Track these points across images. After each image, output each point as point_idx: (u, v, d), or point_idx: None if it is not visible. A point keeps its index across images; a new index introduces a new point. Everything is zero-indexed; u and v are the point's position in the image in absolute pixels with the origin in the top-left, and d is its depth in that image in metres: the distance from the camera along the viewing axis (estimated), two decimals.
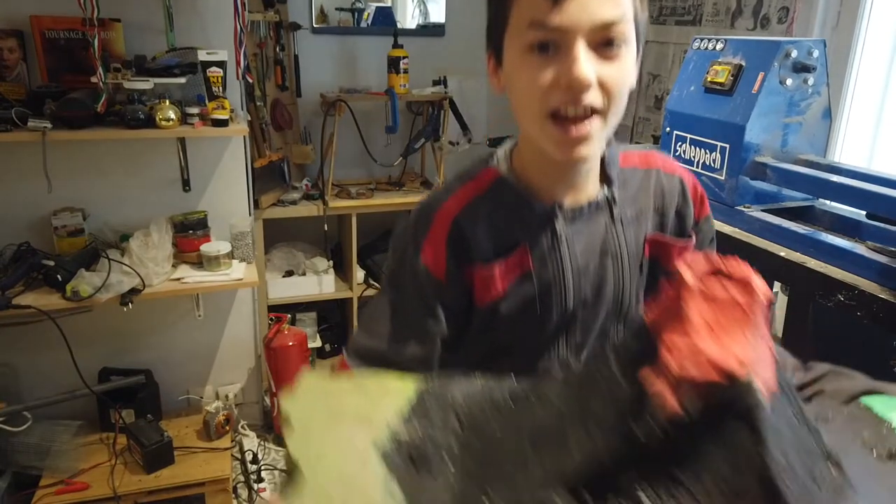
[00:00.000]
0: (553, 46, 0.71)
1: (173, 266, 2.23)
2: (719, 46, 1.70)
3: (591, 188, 0.85)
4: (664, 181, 0.91)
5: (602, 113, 0.73)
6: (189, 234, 2.28)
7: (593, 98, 0.72)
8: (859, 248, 1.33)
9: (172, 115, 2.02)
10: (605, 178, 0.87)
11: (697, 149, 1.69)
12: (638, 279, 0.89)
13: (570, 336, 0.87)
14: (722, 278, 0.59)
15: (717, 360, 0.53)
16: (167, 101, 2.04)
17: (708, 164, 1.66)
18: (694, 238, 0.93)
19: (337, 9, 3.41)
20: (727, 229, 1.59)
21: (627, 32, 0.73)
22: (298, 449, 0.65)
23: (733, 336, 0.55)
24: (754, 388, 0.54)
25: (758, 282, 0.57)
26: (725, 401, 0.54)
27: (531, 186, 0.84)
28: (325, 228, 2.94)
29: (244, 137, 2.36)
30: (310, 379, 0.71)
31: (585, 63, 0.70)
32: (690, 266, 0.59)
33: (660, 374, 0.54)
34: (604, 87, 0.72)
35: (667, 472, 0.54)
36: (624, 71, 0.73)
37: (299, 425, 0.67)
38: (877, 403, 0.74)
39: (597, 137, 0.75)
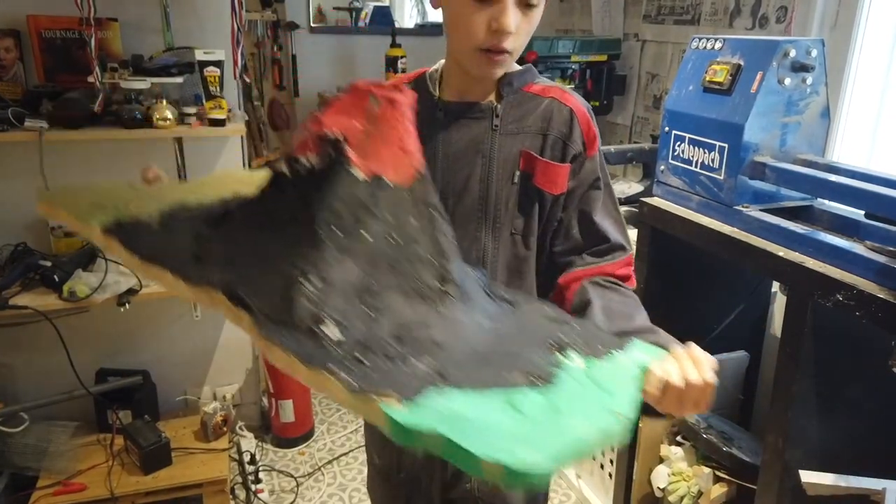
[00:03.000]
0: None
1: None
2: (718, 46, 1.70)
3: (483, 96, 1.04)
4: (554, 108, 1.04)
5: (513, 52, 0.97)
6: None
7: (510, 42, 0.94)
8: (858, 248, 1.33)
9: (169, 115, 2.02)
10: (499, 95, 1.04)
11: (696, 148, 1.68)
12: (508, 187, 1.03)
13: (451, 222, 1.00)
14: (385, 90, 0.83)
15: (323, 124, 0.79)
16: (164, 101, 2.03)
17: (706, 163, 1.65)
18: (569, 167, 1.04)
19: (335, 8, 3.41)
20: (726, 229, 1.58)
21: None
22: (203, 178, 1.01)
23: (348, 117, 0.80)
24: (342, 148, 0.77)
25: (398, 95, 0.80)
26: (328, 155, 0.79)
27: (441, 86, 1.06)
28: None
29: (241, 137, 2.36)
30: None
31: (513, 15, 0.92)
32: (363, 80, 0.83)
33: (298, 134, 0.82)
34: (518, 35, 0.95)
35: (289, 215, 0.78)
36: (534, 23, 0.97)
37: (225, 173, 1.07)
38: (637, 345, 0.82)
39: (504, 66, 0.99)
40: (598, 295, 1.00)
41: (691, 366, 0.78)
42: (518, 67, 1.06)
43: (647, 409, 0.77)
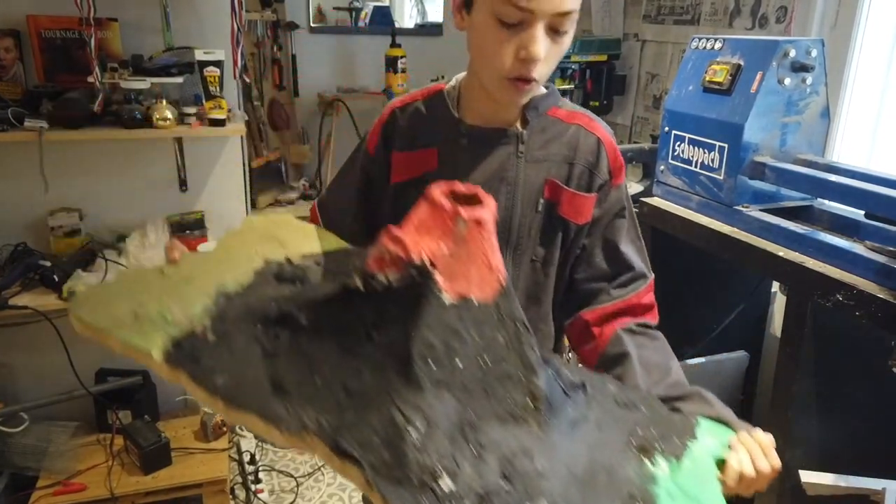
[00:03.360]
0: (518, 23, 0.87)
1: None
2: (718, 46, 1.70)
3: (507, 121, 1.01)
4: (581, 137, 1.03)
5: (539, 79, 0.92)
6: (186, 234, 2.27)
7: (538, 70, 0.90)
8: (858, 248, 1.33)
9: (169, 115, 2.02)
10: (524, 119, 1.01)
11: (696, 148, 1.68)
12: (532, 215, 1.01)
13: None
14: (459, 199, 0.79)
15: (407, 245, 0.73)
16: (164, 101, 2.03)
17: (706, 163, 1.65)
18: (596, 196, 1.03)
19: (335, 8, 3.41)
20: (725, 229, 1.58)
21: (574, 19, 0.90)
22: (224, 238, 0.96)
23: (432, 238, 0.74)
24: (430, 273, 0.73)
25: (485, 212, 0.76)
26: (411, 277, 0.73)
27: (461, 105, 1.02)
28: None
29: (241, 137, 2.36)
30: (256, 218, 1.03)
31: (542, 43, 0.87)
32: (439, 185, 0.78)
33: (375, 251, 0.76)
34: (547, 62, 0.91)
35: (365, 332, 0.75)
36: (564, 50, 0.93)
37: (244, 228, 0.99)
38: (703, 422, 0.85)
39: (532, 92, 0.96)
40: (635, 345, 1.00)
41: (761, 454, 0.81)
42: (542, 91, 1.02)
43: None
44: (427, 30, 3.51)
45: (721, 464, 0.81)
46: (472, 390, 0.74)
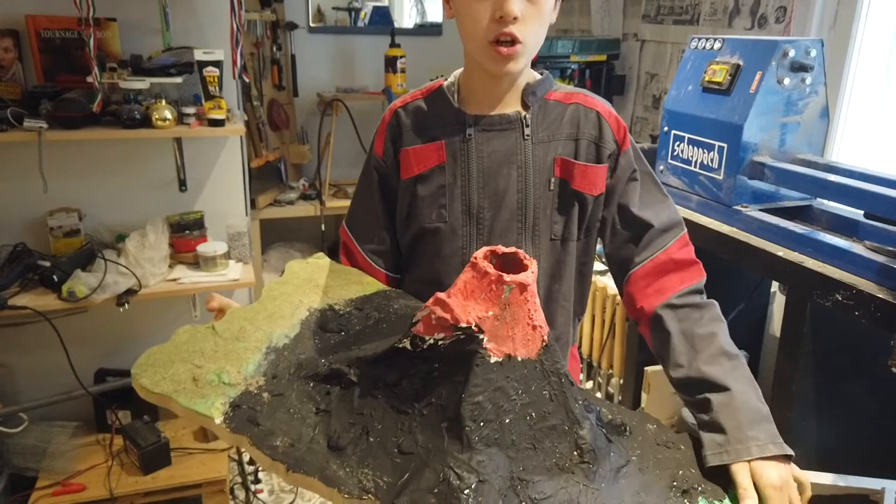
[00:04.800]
0: None
1: (170, 266, 2.22)
2: (717, 46, 1.70)
3: (508, 107, 1.04)
4: (581, 113, 1.06)
5: (524, 42, 0.96)
6: (185, 234, 2.27)
7: (517, 29, 0.94)
8: (857, 248, 1.33)
9: (169, 115, 2.02)
10: (524, 104, 1.05)
11: (695, 148, 1.69)
12: (546, 194, 1.04)
13: (479, 232, 1.05)
14: (501, 259, 0.82)
15: (454, 311, 0.76)
16: (163, 101, 2.03)
17: (706, 163, 1.66)
18: (607, 167, 1.05)
19: (334, 8, 3.41)
20: (725, 229, 1.59)
21: None
22: (269, 287, 1.01)
23: (478, 302, 0.77)
24: (477, 338, 0.76)
25: (528, 276, 0.78)
26: (459, 342, 0.76)
27: (461, 97, 1.06)
28: (323, 228, 2.93)
29: (241, 137, 2.36)
30: (299, 263, 1.08)
31: (515, 1, 0.92)
32: (482, 251, 0.81)
33: (423, 314, 0.79)
34: (525, 22, 0.94)
35: (414, 390, 0.78)
36: (542, 13, 0.96)
37: (287, 276, 1.04)
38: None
39: (520, 57, 0.97)
40: (676, 321, 1.00)
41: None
42: (537, 76, 1.06)
43: None
44: (426, 30, 3.51)
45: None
46: (520, 446, 0.76)
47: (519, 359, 0.79)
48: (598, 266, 1.81)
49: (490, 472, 0.73)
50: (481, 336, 0.76)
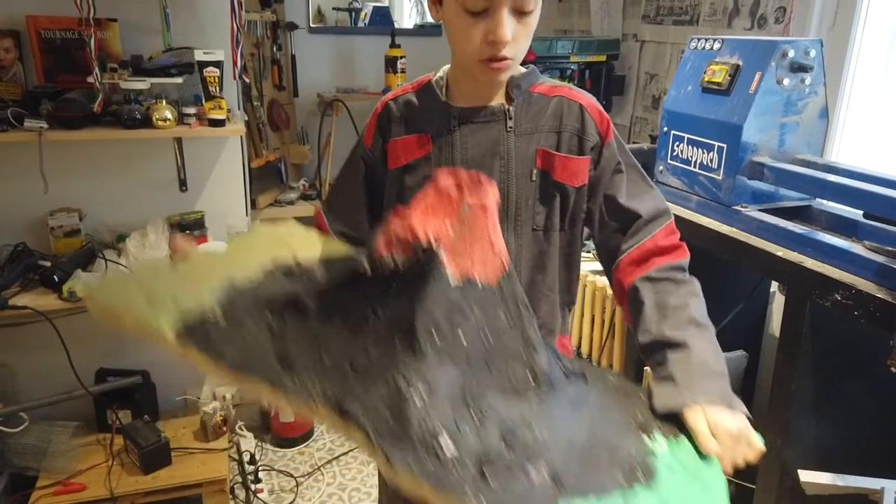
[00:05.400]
0: (483, 11, 0.93)
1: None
2: (716, 46, 1.71)
3: (493, 100, 1.06)
4: (564, 106, 1.07)
5: (514, 58, 0.98)
6: (186, 234, 2.27)
7: (508, 50, 0.96)
8: (856, 248, 1.33)
9: (169, 115, 2.02)
10: (508, 97, 1.07)
11: (695, 148, 1.69)
12: (527, 185, 1.06)
13: None
14: (464, 185, 0.82)
15: (414, 227, 0.77)
16: (164, 101, 2.03)
17: (705, 163, 1.66)
18: (590, 159, 1.07)
19: (334, 8, 3.41)
20: (724, 229, 1.59)
21: (538, 1, 0.96)
22: (234, 239, 1.07)
23: (438, 219, 0.78)
24: (435, 252, 0.77)
25: (488, 197, 0.80)
26: (417, 259, 0.77)
27: (449, 91, 1.09)
28: None
29: (241, 137, 2.36)
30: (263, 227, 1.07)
31: (507, 26, 0.93)
32: (445, 172, 0.82)
33: (382, 234, 0.80)
34: (517, 41, 0.96)
35: (371, 311, 0.77)
36: (531, 29, 0.98)
37: (253, 233, 1.04)
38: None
39: (509, 70, 1.01)
40: (653, 292, 1.01)
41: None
42: (523, 70, 1.08)
43: None
44: (426, 30, 3.51)
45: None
46: (474, 363, 0.77)
47: (478, 282, 0.81)
48: (598, 266, 1.81)
49: (441, 382, 0.73)
50: (439, 251, 0.78)
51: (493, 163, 1.05)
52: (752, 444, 0.83)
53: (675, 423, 0.83)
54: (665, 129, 1.79)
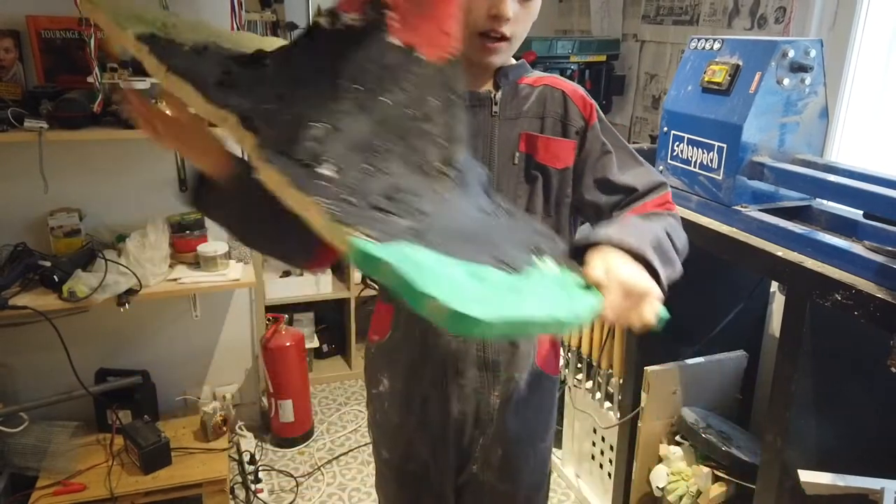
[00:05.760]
0: None
1: (170, 266, 2.23)
2: (716, 46, 1.71)
3: (481, 87, 1.10)
4: (548, 94, 1.11)
5: (510, 40, 1.02)
6: (186, 234, 2.27)
7: (508, 28, 1.00)
8: (856, 248, 1.33)
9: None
10: (496, 86, 1.10)
11: (695, 148, 1.69)
12: (509, 167, 1.09)
13: None
14: None
15: None
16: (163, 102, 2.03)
17: (705, 163, 1.66)
18: (575, 143, 1.09)
19: None
20: (724, 229, 1.59)
21: None
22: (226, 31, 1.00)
23: None
24: (383, 10, 0.79)
25: None
26: (368, 22, 0.79)
27: None
28: None
29: None
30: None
31: (511, 3, 0.98)
32: None
33: None
34: (516, 22, 1.01)
35: (318, 66, 0.80)
36: (534, 13, 1.03)
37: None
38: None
39: (505, 52, 1.05)
40: (626, 216, 1.02)
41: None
42: (514, 62, 1.12)
43: None
44: None
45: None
46: (389, 128, 0.78)
47: (420, 57, 0.82)
48: None
49: (348, 127, 0.76)
50: (386, 10, 0.80)
51: (476, 145, 1.07)
52: (643, 306, 0.80)
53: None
54: (665, 129, 1.79)
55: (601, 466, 2.26)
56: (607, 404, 2.15)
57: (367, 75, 0.79)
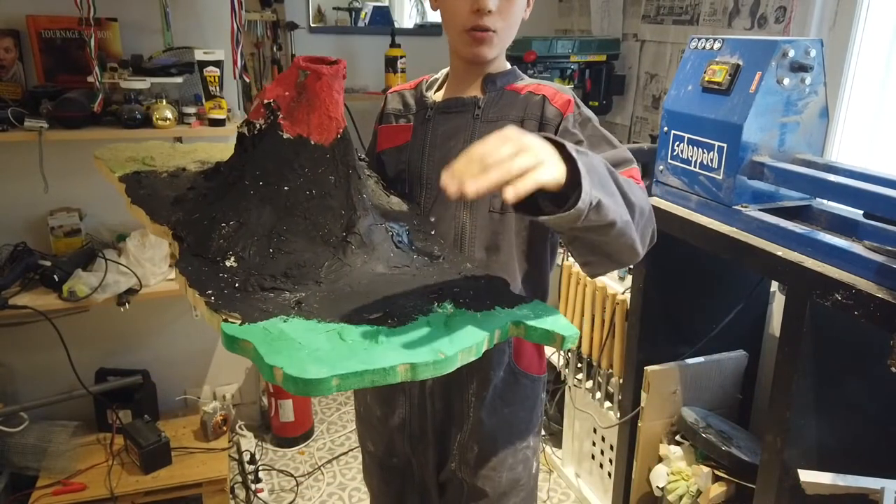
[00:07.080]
0: None
1: (170, 266, 2.23)
2: (717, 46, 1.70)
3: (470, 93, 1.15)
4: (530, 100, 1.13)
5: (497, 32, 1.06)
6: None
7: (491, 20, 1.04)
8: (857, 248, 1.33)
9: (169, 115, 2.02)
10: (483, 91, 1.15)
11: (695, 148, 1.69)
12: None
13: (426, 201, 1.15)
14: (314, 60, 0.94)
15: (266, 93, 0.94)
16: (164, 101, 2.03)
17: (705, 163, 1.66)
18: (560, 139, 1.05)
19: (334, 8, 3.41)
20: (724, 228, 1.59)
21: None
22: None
23: (281, 87, 0.92)
24: (274, 112, 0.92)
25: (325, 68, 0.91)
26: (267, 124, 0.93)
27: (440, 88, 1.21)
28: None
29: None
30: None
31: None
32: (309, 56, 0.95)
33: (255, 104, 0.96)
34: (501, 15, 1.05)
35: (238, 171, 0.96)
36: (514, 5, 1.06)
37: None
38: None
39: (492, 44, 1.08)
40: None
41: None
42: (505, 68, 1.17)
43: None
44: (427, 30, 3.51)
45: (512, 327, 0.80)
46: (292, 212, 0.90)
47: (312, 143, 0.92)
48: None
49: (253, 220, 0.89)
50: (277, 111, 0.92)
51: (457, 145, 1.11)
52: (498, 169, 0.70)
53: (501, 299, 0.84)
54: (665, 128, 1.79)
55: (601, 466, 2.26)
56: (607, 404, 2.15)
57: (268, 171, 0.92)
